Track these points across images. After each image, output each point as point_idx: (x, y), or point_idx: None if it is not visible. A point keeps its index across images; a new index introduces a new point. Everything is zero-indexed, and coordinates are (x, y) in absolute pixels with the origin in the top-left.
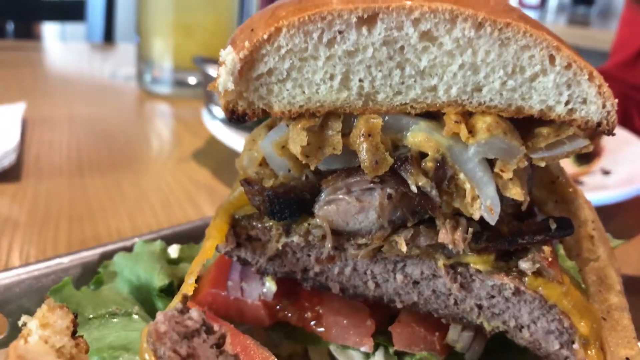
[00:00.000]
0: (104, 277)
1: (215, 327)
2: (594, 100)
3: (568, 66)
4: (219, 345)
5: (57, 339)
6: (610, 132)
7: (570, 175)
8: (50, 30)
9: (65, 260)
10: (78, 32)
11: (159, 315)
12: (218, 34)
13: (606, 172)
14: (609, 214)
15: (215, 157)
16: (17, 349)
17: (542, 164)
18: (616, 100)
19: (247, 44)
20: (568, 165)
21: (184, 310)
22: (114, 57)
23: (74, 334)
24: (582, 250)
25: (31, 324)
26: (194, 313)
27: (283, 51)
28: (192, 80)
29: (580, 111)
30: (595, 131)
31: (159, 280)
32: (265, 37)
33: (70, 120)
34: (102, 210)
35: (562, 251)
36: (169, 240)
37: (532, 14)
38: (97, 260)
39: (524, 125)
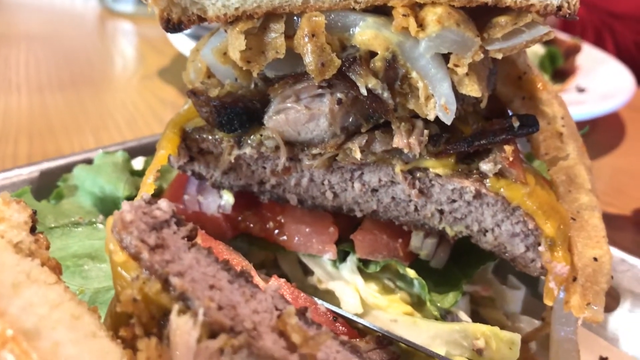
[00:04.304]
0: (64, 191)
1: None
2: None
3: None
4: (191, 237)
5: (14, 234)
6: (572, 16)
7: None
8: None
9: (25, 172)
10: None
11: (125, 205)
12: None
13: (581, 90)
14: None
15: (182, 75)
16: None
17: (499, 56)
18: None
19: None
20: None
21: (151, 201)
22: None
23: (33, 230)
24: (550, 148)
25: None
26: (163, 204)
27: None
28: None
29: None
30: (556, 16)
31: (125, 190)
32: None
33: (27, 39)
34: (64, 127)
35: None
36: (134, 152)
37: None
38: (58, 172)
39: (480, 16)
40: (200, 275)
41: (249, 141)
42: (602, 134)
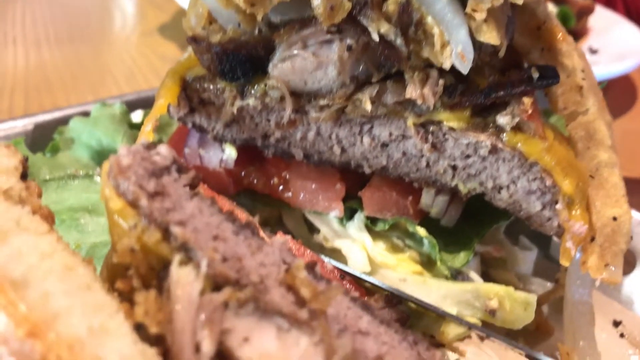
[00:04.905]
0: (60, 144)
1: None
2: None
3: None
4: (193, 185)
5: (3, 180)
6: None
7: None
8: None
9: (19, 124)
10: None
11: (122, 149)
12: None
13: (594, 51)
14: None
15: (183, 31)
16: None
17: (520, 1)
18: None
19: None
20: None
21: (150, 146)
22: None
23: (24, 177)
24: (569, 102)
25: None
26: (163, 149)
27: None
28: None
29: None
30: None
31: (123, 143)
32: None
33: None
34: (61, 82)
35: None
36: (133, 106)
37: None
38: (54, 125)
39: None
40: (203, 225)
41: (253, 91)
42: (614, 96)
